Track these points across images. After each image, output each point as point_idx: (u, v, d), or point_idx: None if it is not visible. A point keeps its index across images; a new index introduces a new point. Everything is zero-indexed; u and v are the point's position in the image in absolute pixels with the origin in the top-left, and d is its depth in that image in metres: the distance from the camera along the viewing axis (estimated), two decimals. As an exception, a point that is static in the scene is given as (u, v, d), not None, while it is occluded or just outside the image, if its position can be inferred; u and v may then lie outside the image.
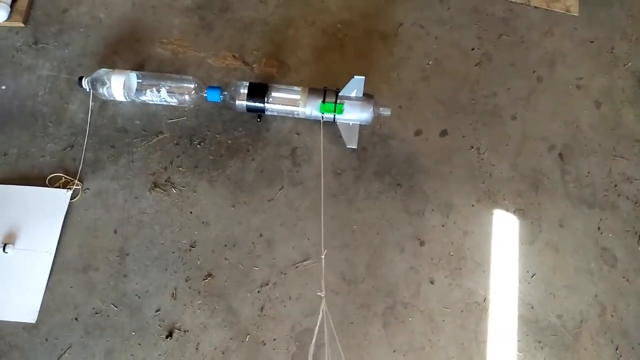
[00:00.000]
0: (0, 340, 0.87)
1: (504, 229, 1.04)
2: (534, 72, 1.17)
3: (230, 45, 1.18)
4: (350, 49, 1.20)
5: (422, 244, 1.02)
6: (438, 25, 1.23)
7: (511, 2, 1.25)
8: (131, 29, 1.17)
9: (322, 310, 0.81)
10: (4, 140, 1.03)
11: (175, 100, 1.06)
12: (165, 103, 1.07)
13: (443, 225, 1.04)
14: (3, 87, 1.09)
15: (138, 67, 1.12)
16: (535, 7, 1.24)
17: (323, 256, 0.85)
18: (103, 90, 1.04)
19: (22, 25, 1.15)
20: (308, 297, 0.95)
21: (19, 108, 1.07)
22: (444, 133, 1.12)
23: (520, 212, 1.05)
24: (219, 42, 1.18)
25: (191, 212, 1.00)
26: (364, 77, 0.99)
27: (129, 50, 1.15)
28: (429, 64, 1.19)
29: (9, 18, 1.13)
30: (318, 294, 0.84)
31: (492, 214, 1.05)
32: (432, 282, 0.99)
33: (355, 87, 1.02)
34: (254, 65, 1.16)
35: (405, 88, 1.16)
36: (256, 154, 1.07)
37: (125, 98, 1.05)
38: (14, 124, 1.05)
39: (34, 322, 0.89)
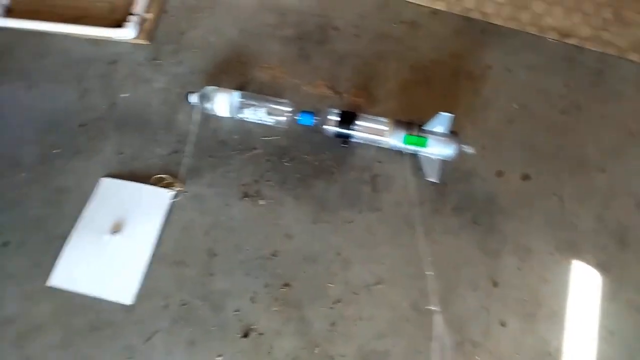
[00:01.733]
0: (98, 315, 0.99)
1: (584, 282, 1.04)
2: (626, 125, 1.18)
3: (324, 75, 1.28)
4: (437, 86, 1.26)
5: (495, 284, 1.04)
6: (527, 70, 1.27)
7: (605, 53, 1.27)
8: (237, 52, 1.31)
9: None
10: (121, 140, 1.18)
11: (272, 121, 1.17)
12: (261, 122, 1.18)
13: (519, 269, 1.05)
14: (124, 95, 1.24)
15: (240, 87, 1.25)
16: (631, 60, 1.26)
17: (429, 273, 0.91)
18: (208, 106, 1.17)
19: (146, 42, 1.32)
20: (378, 319, 1.00)
21: (136, 115, 1.22)
22: (526, 177, 1.15)
23: (602, 266, 1.05)
24: (315, 71, 1.29)
25: (276, 224, 1.09)
26: (451, 115, 1.06)
27: (233, 71, 1.28)
28: (515, 108, 1.23)
29: (137, 36, 1.30)
30: (429, 307, 0.89)
31: (571, 264, 1.05)
32: (503, 325, 1.00)
33: (441, 123, 1.08)
34: (344, 95, 1.26)
35: (489, 129, 1.21)
36: (339, 176, 1.15)
37: (228, 114, 1.18)
38: (130, 128, 1.20)
39: (129, 303, 0.99)
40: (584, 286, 1.03)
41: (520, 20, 1.30)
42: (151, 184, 1.12)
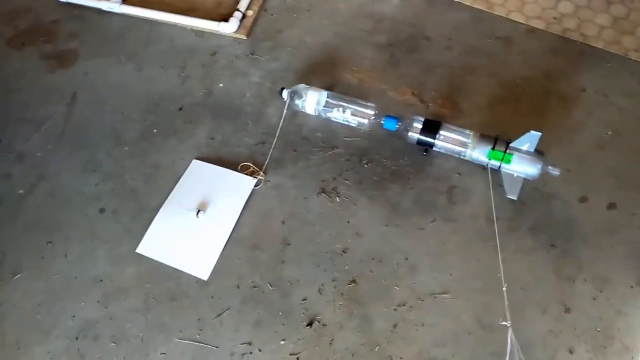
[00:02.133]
0: (177, 286, 1.06)
1: (664, 320, 0.98)
2: None
3: (411, 82, 1.30)
4: (526, 105, 1.24)
5: (567, 310, 1.01)
6: (624, 97, 1.22)
7: None
8: (329, 54, 1.36)
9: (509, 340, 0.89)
10: (214, 127, 1.26)
11: (356, 122, 1.21)
12: (346, 123, 1.22)
13: (594, 299, 1.02)
14: (221, 85, 1.33)
15: (329, 87, 1.29)
16: None
17: (504, 288, 0.92)
18: (298, 102, 1.23)
19: (245, 38, 1.40)
20: (440, 328, 1.00)
21: (229, 104, 1.30)
22: (612, 206, 1.11)
23: (686, 306, 0.99)
24: (402, 78, 1.31)
25: (349, 222, 1.12)
26: (539, 134, 1.04)
27: (324, 72, 1.33)
28: (607, 134, 1.18)
29: (237, 30, 1.39)
30: (502, 323, 0.90)
31: (652, 300, 1.00)
32: (571, 352, 0.97)
33: (528, 141, 1.07)
34: (429, 104, 1.27)
35: (577, 152, 1.17)
36: (416, 184, 1.16)
37: (315, 112, 1.22)
38: (223, 115, 1.28)
39: (205, 279, 1.06)
40: (664, 327, 0.98)
41: (622, 45, 1.25)
42: (237, 170, 1.19)
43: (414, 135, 1.16)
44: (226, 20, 1.39)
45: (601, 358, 0.96)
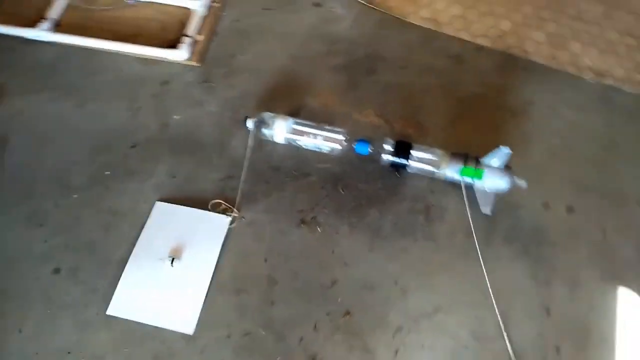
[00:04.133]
0: (162, 345, 0.94)
1: (630, 309, 1.05)
2: (663, 163, 1.21)
3: (373, 104, 1.28)
4: (482, 120, 1.27)
5: (548, 312, 1.04)
6: (567, 108, 1.30)
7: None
8: (287, 78, 1.30)
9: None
10: (175, 163, 1.15)
11: (328, 148, 1.16)
12: (317, 149, 1.17)
13: (570, 298, 1.06)
14: (176, 117, 1.21)
15: (293, 112, 1.23)
16: (664, 101, 1.29)
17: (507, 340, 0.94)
18: (265, 131, 1.15)
19: (197, 64, 1.29)
20: (439, 348, 0.98)
21: (188, 137, 1.19)
22: (570, 209, 1.16)
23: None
24: (363, 100, 1.28)
25: (333, 252, 1.07)
26: (509, 151, 1.06)
27: (284, 97, 1.27)
28: (556, 143, 1.25)
29: (189, 58, 1.28)
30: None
31: (617, 292, 1.06)
32: (557, 351, 1.00)
33: (498, 157, 1.09)
34: (394, 125, 1.25)
35: (533, 162, 1.22)
36: (393, 206, 1.14)
37: (284, 141, 1.16)
38: (183, 150, 1.17)
39: (191, 333, 0.95)
40: (630, 313, 1.04)
41: (559, 60, 1.32)
42: (208, 209, 1.09)
43: (387, 158, 1.13)
44: (174, 46, 1.27)
45: (584, 352, 1.00)
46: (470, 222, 1.11)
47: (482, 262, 1.07)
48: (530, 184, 1.17)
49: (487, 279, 1.06)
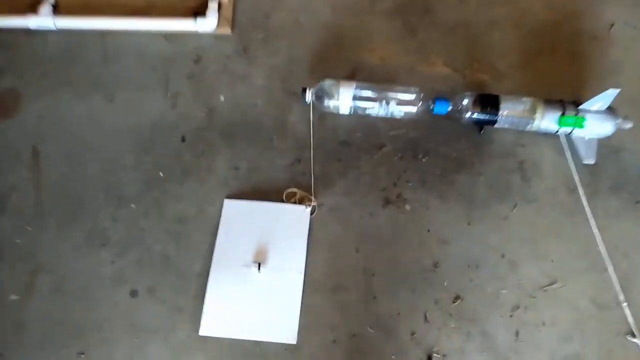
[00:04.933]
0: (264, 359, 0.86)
1: None
2: None
3: (437, 50, 1.10)
4: (562, 52, 1.10)
5: (671, 266, 0.94)
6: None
7: None
8: (334, 35, 1.11)
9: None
10: (233, 153, 1.00)
11: (400, 113, 1.01)
12: (389, 116, 1.01)
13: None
14: (222, 98, 1.05)
15: (349, 75, 1.06)
16: None
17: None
18: (328, 103, 0.99)
19: (229, 32, 1.10)
20: (561, 322, 0.90)
21: (241, 120, 1.03)
22: (678, 145, 1.03)
23: None
24: (425, 46, 1.10)
25: (429, 230, 0.96)
26: (617, 91, 0.91)
27: (337, 57, 1.09)
28: (651, 68, 1.09)
29: (218, 26, 1.09)
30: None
31: None
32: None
33: (602, 99, 0.94)
34: (465, 72, 1.09)
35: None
36: (482, 168, 1.00)
37: (350, 111, 1.00)
38: (240, 136, 1.02)
39: (294, 342, 0.86)
40: None
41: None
42: (282, 200, 0.96)
43: (470, 115, 0.98)
44: (200, 14, 1.07)
45: None
46: (574, 175, 0.98)
47: (591, 220, 0.96)
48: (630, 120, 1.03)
49: (599, 237, 0.95)
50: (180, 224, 0.94)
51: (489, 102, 0.97)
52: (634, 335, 0.88)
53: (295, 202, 0.96)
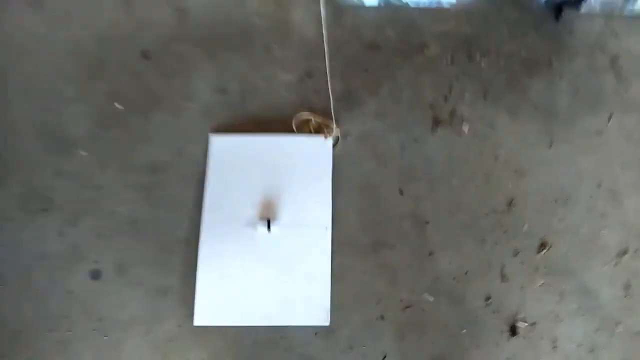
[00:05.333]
0: (289, 351, 0.61)
1: None
2: None
3: None
4: None
5: None
6: None
7: None
8: None
9: None
10: (219, 71, 0.71)
11: (452, 2, 0.71)
12: (433, 5, 0.72)
13: None
14: (194, -5, 0.74)
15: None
16: None
17: None
18: (346, -12, 0.69)
19: None
20: (685, 267, 0.66)
21: (225, 22, 0.73)
22: None
23: None
24: None
25: (496, 158, 0.69)
26: None
27: None
28: None
29: None
30: None
31: None
32: None
33: None
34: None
35: None
36: (563, 68, 0.73)
37: (379, 1, 0.71)
38: (226, 47, 0.72)
39: (327, 324, 0.62)
40: None
41: None
42: (291, 131, 0.68)
43: (548, -7, 0.69)
44: None
45: None
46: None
47: None
48: None
49: None
50: (151, 174, 0.67)
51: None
52: None
53: (310, 132, 0.68)
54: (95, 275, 0.63)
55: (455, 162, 0.68)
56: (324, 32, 0.69)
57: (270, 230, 0.63)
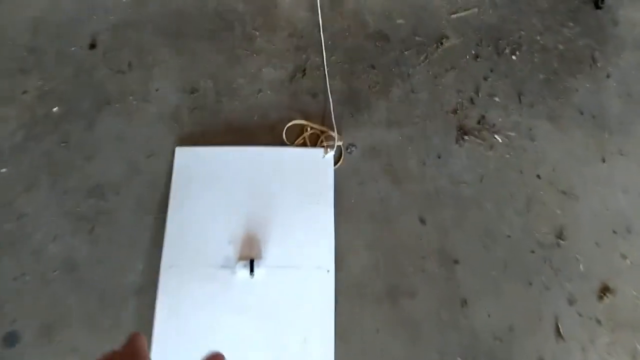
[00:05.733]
0: None
1: None
2: None
3: None
4: None
5: None
6: None
7: None
8: None
9: None
10: (183, 63, 0.55)
11: (475, -24, 0.57)
12: (454, -18, 0.58)
13: None
14: (157, -29, 0.58)
15: None
16: None
17: None
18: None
19: None
20: None
21: (198, 9, 0.58)
22: None
23: None
24: None
25: (539, 176, 0.55)
26: None
27: None
28: None
29: None
30: None
31: None
32: None
33: None
34: None
35: None
36: (609, 65, 0.60)
37: (388, -24, 0.56)
38: (198, 36, 0.57)
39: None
40: None
41: None
42: (282, 142, 0.53)
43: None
44: None
45: None
46: None
47: None
48: None
49: None
50: (95, 199, 0.50)
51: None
52: None
53: (304, 144, 0.52)
54: (11, 340, 0.46)
55: (488, 182, 0.54)
56: (319, 15, 0.55)
57: (253, 274, 0.46)
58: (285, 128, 0.53)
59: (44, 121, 0.53)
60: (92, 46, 0.56)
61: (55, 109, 0.54)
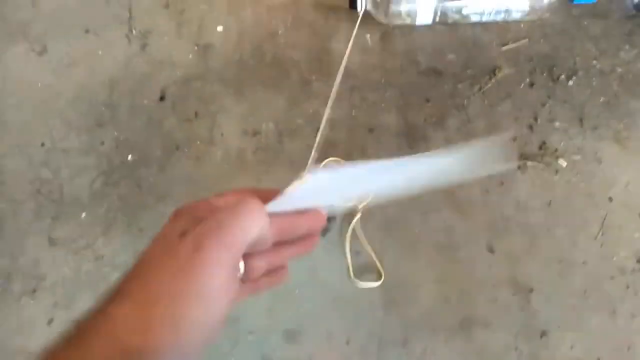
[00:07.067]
0: None
1: None
2: None
3: None
4: None
5: None
6: None
7: None
8: None
9: None
10: (250, 110, 0.58)
11: (526, 8, 0.58)
12: (499, 18, 0.59)
13: None
14: (220, 29, 0.63)
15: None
16: None
17: None
18: (395, 7, 0.57)
19: None
20: None
21: (257, 60, 0.62)
22: None
23: None
24: None
25: (611, 199, 0.52)
26: None
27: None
28: None
29: None
30: None
31: None
32: None
33: None
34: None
35: None
36: (675, 84, 0.57)
37: (435, 18, 0.58)
38: (257, 84, 0.60)
39: None
40: None
41: None
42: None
43: (644, -4, 0.55)
44: None
45: None
46: None
47: None
48: None
49: None
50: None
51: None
52: None
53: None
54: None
55: (557, 207, 0.52)
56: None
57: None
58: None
59: (119, 168, 0.57)
60: (162, 99, 0.60)
61: (129, 157, 0.57)
